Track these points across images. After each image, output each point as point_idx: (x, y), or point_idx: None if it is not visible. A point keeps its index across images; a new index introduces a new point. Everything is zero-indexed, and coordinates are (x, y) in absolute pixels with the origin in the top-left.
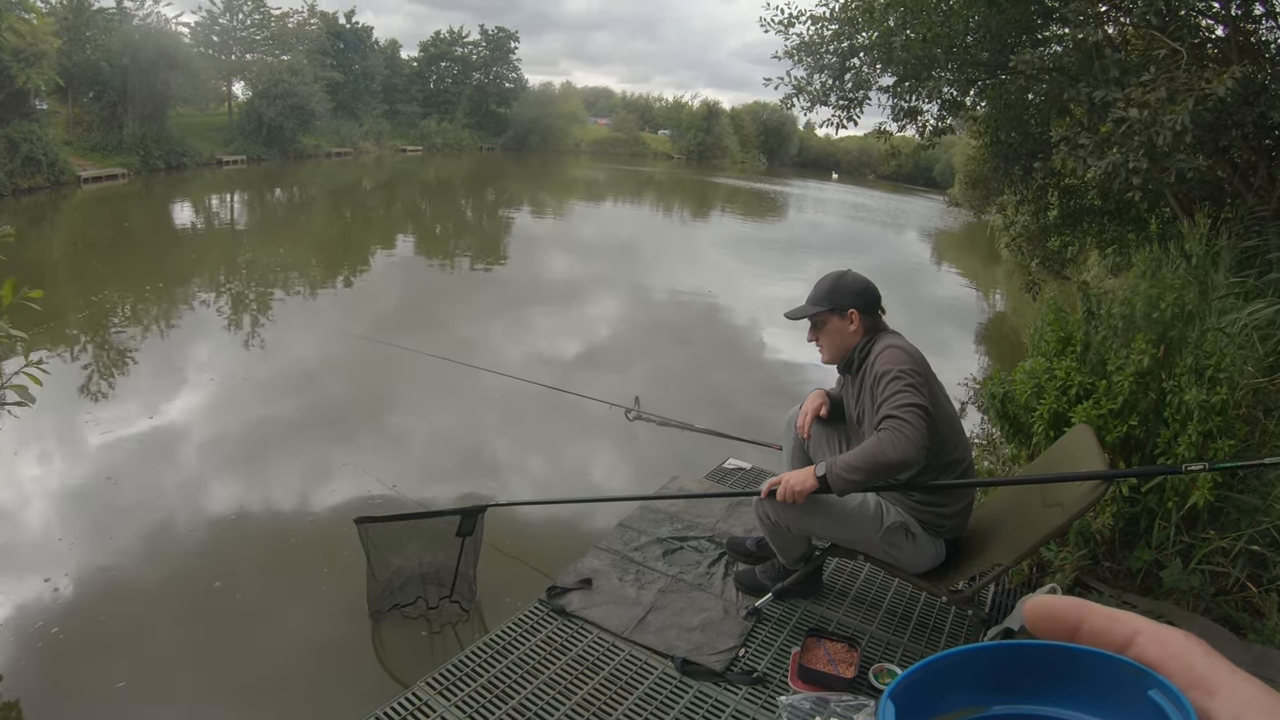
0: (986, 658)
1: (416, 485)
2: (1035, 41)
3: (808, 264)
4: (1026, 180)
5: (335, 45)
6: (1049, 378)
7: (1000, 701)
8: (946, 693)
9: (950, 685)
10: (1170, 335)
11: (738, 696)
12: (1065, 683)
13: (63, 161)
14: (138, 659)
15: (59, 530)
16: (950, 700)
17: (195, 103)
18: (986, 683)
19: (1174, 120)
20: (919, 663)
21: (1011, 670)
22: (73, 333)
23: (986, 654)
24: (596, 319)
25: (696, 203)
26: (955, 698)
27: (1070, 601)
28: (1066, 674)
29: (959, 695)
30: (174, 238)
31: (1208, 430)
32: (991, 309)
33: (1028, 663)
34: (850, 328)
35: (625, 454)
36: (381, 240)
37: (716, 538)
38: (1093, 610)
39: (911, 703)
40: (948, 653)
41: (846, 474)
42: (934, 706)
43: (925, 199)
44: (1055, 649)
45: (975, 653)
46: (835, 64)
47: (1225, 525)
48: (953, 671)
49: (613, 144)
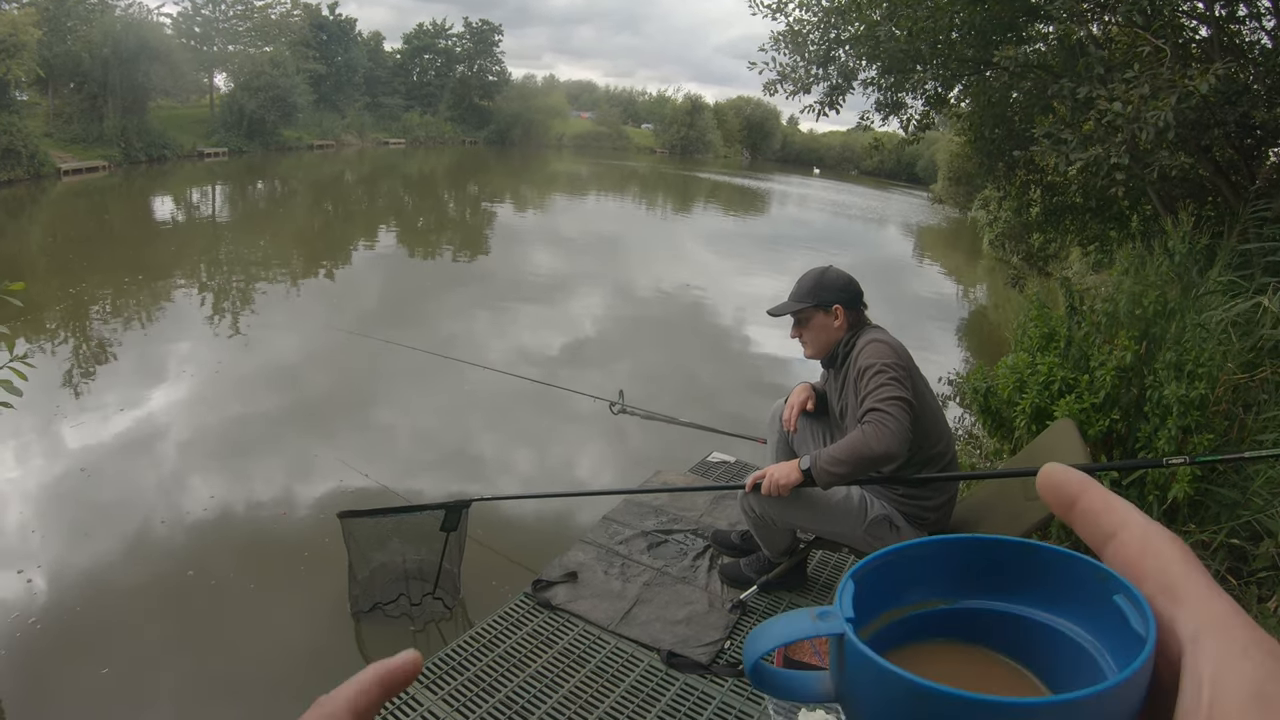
0: (958, 550)
1: (400, 480)
2: (1019, 39)
3: (791, 260)
4: (1009, 177)
5: (318, 37)
6: (1032, 373)
7: (968, 596)
8: (915, 582)
9: (919, 575)
10: (1152, 331)
11: (724, 688)
12: (1035, 581)
13: (42, 154)
14: (117, 656)
15: (34, 523)
16: (916, 591)
17: (177, 95)
18: (956, 576)
19: (1157, 117)
20: (888, 548)
21: (982, 566)
22: (51, 326)
23: (958, 546)
24: (580, 314)
25: (679, 198)
26: (922, 589)
27: (1078, 477)
28: (1036, 572)
29: (926, 587)
30: (155, 231)
31: (1187, 425)
32: (974, 304)
33: (998, 559)
34: (834, 323)
35: (610, 448)
36: (364, 234)
37: (701, 531)
38: (1092, 491)
39: (876, 587)
40: (919, 541)
41: (830, 467)
42: (898, 595)
43: (907, 195)
44: (1025, 546)
45: (947, 544)
46: (820, 53)
47: (1205, 519)
48: (923, 561)
49: (596, 138)
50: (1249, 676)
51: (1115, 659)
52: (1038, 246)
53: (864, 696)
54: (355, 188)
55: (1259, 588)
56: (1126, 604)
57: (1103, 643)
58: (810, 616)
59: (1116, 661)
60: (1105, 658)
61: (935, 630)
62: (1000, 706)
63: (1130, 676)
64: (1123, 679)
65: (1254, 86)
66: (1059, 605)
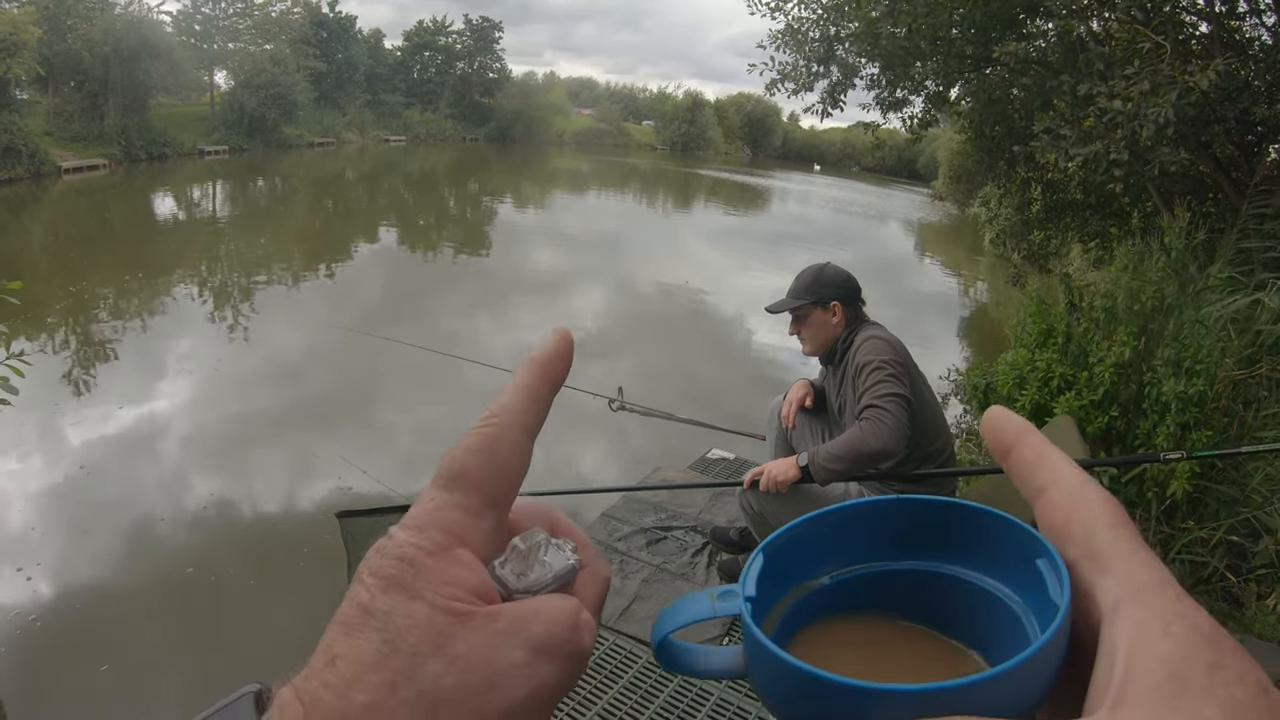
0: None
1: (401, 476)
2: (1019, 35)
3: (792, 257)
4: (1010, 174)
5: (318, 34)
6: (1031, 369)
7: (897, 558)
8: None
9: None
10: (1150, 328)
11: (721, 685)
12: (965, 541)
13: (43, 152)
14: (116, 653)
15: (33, 521)
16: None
17: (177, 93)
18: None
19: (1157, 113)
20: (803, 516)
21: (908, 528)
22: (52, 324)
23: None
24: (581, 311)
25: (680, 195)
26: (845, 555)
27: (1017, 424)
28: (965, 533)
29: (850, 553)
30: (155, 229)
31: (1186, 422)
32: (974, 301)
33: (924, 521)
34: (833, 320)
35: (609, 444)
36: (365, 232)
37: (700, 528)
38: (1028, 441)
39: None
40: (837, 507)
41: (829, 464)
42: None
43: (909, 192)
44: (948, 505)
45: (868, 507)
46: (820, 51)
47: (1204, 516)
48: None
49: (596, 135)
50: (1167, 656)
51: (1040, 623)
52: (1038, 243)
53: (764, 679)
54: (356, 185)
55: (1258, 585)
56: (1047, 569)
57: (1030, 605)
58: (711, 597)
59: (1041, 626)
60: (1032, 621)
61: (863, 598)
62: (889, 695)
63: (1035, 654)
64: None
65: (1254, 83)
66: (989, 564)
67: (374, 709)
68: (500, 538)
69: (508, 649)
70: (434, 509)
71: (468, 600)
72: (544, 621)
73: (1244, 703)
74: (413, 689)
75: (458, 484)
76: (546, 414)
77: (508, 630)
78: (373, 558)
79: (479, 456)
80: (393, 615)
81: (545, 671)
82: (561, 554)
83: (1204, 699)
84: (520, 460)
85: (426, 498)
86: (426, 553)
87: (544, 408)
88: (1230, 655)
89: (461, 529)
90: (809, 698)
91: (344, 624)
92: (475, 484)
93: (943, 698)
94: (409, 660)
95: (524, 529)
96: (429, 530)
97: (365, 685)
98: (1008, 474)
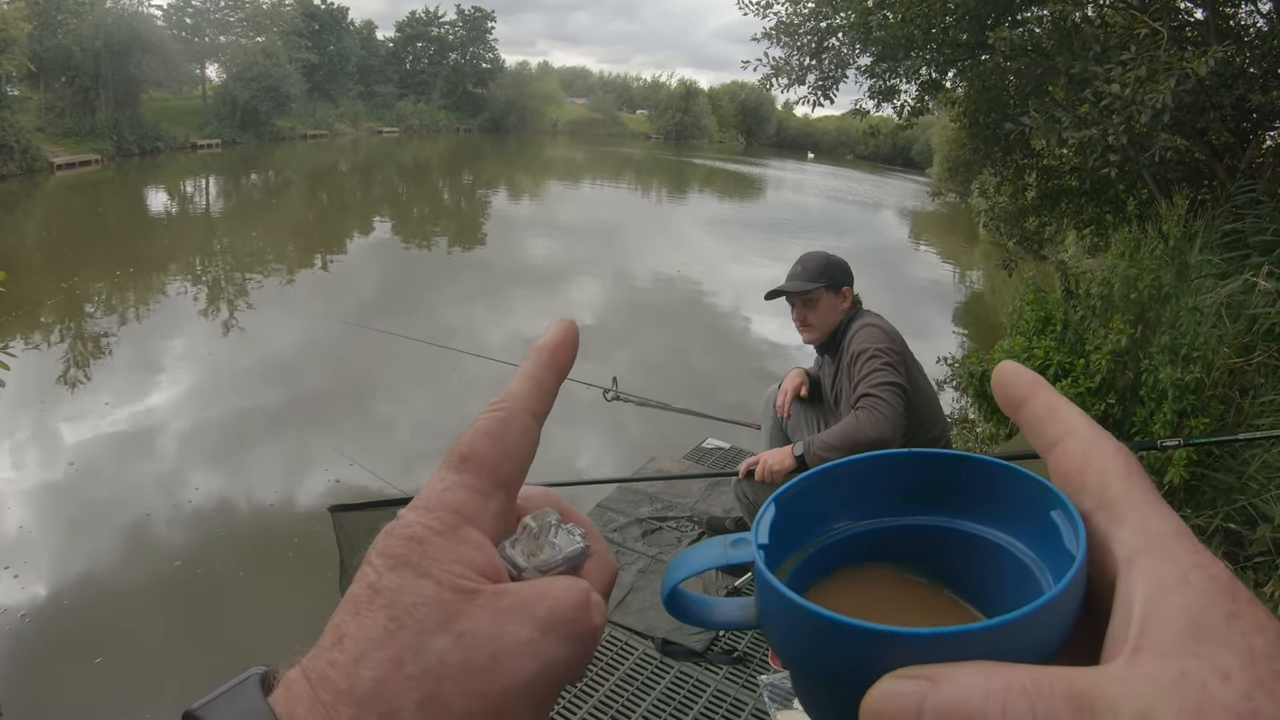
0: (891, 466)
1: (394, 468)
2: (1014, 22)
3: (787, 246)
4: (1005, 160)
5: (310, 26)
6: (1028, 356)
7: (909, 512)
8: (851, 502)
9: (855, 495)
10: (1147, 315)
11: (718, 676)
12: (976, 495)
13: (35, 148)
14: (108, 647)
15: (20, 517)
16: (852, 511)
17: (169, 87)
18: (894, 494)
19: (1155, 99)
20: (817, 468)
21: (920, 482)
22: (45, 320)
23: (891, 462)
24: (576, 301)
25: (675, 184)
26: (858, 509)
27: (1029, 377)
28: (977, 486)
29: (862, 506)
30: (148, 223)
31: (1183, 409)
32: (970, 289)
33: (936, 475)
34: (842, 305)
35: (604, 435)
36: (359, 224)
37: (696, 517)
38: (1041, 394)
39: (806, 509)
40: (850, 459)
41: (824, 453)
42: (833, 517)
43: (903, 180)
44: (961, 459)
45: (880, 460)
46: (812, 44)
47: (1201, 504)
48: (857, 480)
49: (590, 124)
50: (1186, 605)
51: (1055, 575)
52: (1033, 230)
53: (777, 625)
54: (350, 177)
55: (1255, 572)
56: (1062, 520)
57: (1044, 559)
58: (724, 544)
59: (1056, 578)
60: (1045, 575)
61: (873, 552)
62: (902, 638)
63: (1049, 602)
64: (1038, 606)
65: (1250, 70)
66: (1001, 519)
67: (380, 685)
68: (509, 520)
69: (515, 626)
70: (443, 489)
71: (475, 579)
72: (552, 600)
73: (1262, 652)
74: (419, 664)
75: (467, 465)
76: (553, 401)
77: (515, 608)
78: (381, 539)
79: (488, 440)
80: (400, 593)
81: (553, 650)
82: (571, 537)
83: (1222, 647)
84: (529, 444)
85: (436, 479)
86: (435, 532)
87: (551, 395)
88: (1248, 606)
89: (470, 509)
90: (821, 642)
91: (353, 603)
92: (485, 466)
93: (955, 642)
94: (415, 636)
95: None
96: (438, 510)
97: (371, 662)
98: (1020, 427)
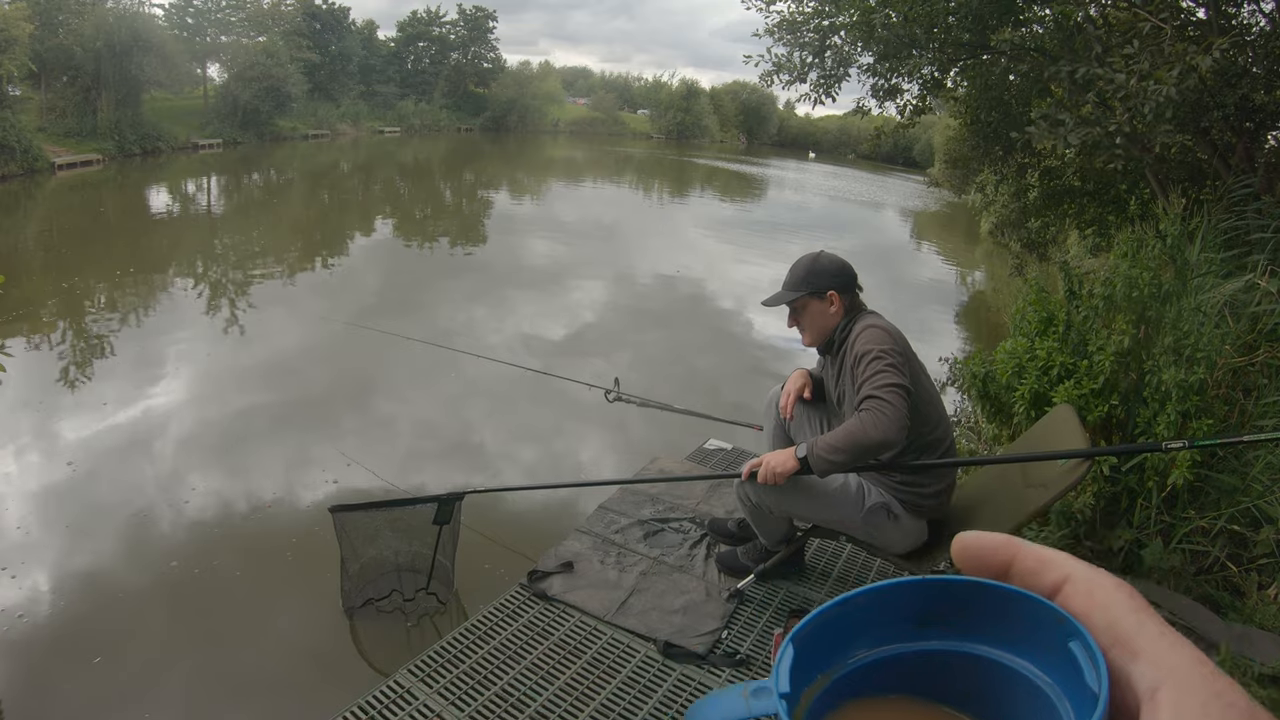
0: (907, 594)
1: (396, 470)
2: (1016, 22)
3: (789, 245)
4: (1007, 160)
5: (311, 26)
6: (1030, 357)
7: (925, 637)
8: (867, 628)
9: (871, 621)
10: (1149, 315)
11: (721, 678)
12: (991, 620)
13: (36, 148)
14: (107, 647)
15: (18, 518)
16: (869, 637)
17: (170, 86)
18: (909, 617)
19: (1159, 91)
20: (832, 600)
21: (935, 605)
22: (46, 320)
23: (906, 590)
24: (578, 302)
25: (676, 184)
26: (875, 634)
27: (1000, 539)
28: (991, 611)
29: (879, 632)
30: (150, 224)
31: (1186, 410)
32: (972, 289)
33: (952, 599)
34: (830, 309)
35: (606, 436)
36: (360, 224)
37: (698, 519)
38: (1023, 550)
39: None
40: (864, 590)
41: (828, 455)
42: (850, 643)
43: (905, 179)
44: (981, 586)
45: (895, 589)
46: (815, 42)
47: (1205, 505)
48: (873, 609)
49: (591, 124)
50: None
51: (1074, 705)
52: (1036, 231)
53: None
54: (351, 177)
55: (1259, 574)
56: (1081, 653)
57: (1061, 686)
58: (744, 694)
59: (1075, 707)
60: (1064, 703)
61: (890, 679)
62: None
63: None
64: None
65: (1253, 69)
66: (1018, 644)
67: None
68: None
69: None
70: None
71: None
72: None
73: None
74: None
75: None
76: None
77: None
78: None
79: None
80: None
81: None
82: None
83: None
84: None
85: None
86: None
87: None
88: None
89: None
90: None
91: None
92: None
93: None
94: None
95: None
96: None
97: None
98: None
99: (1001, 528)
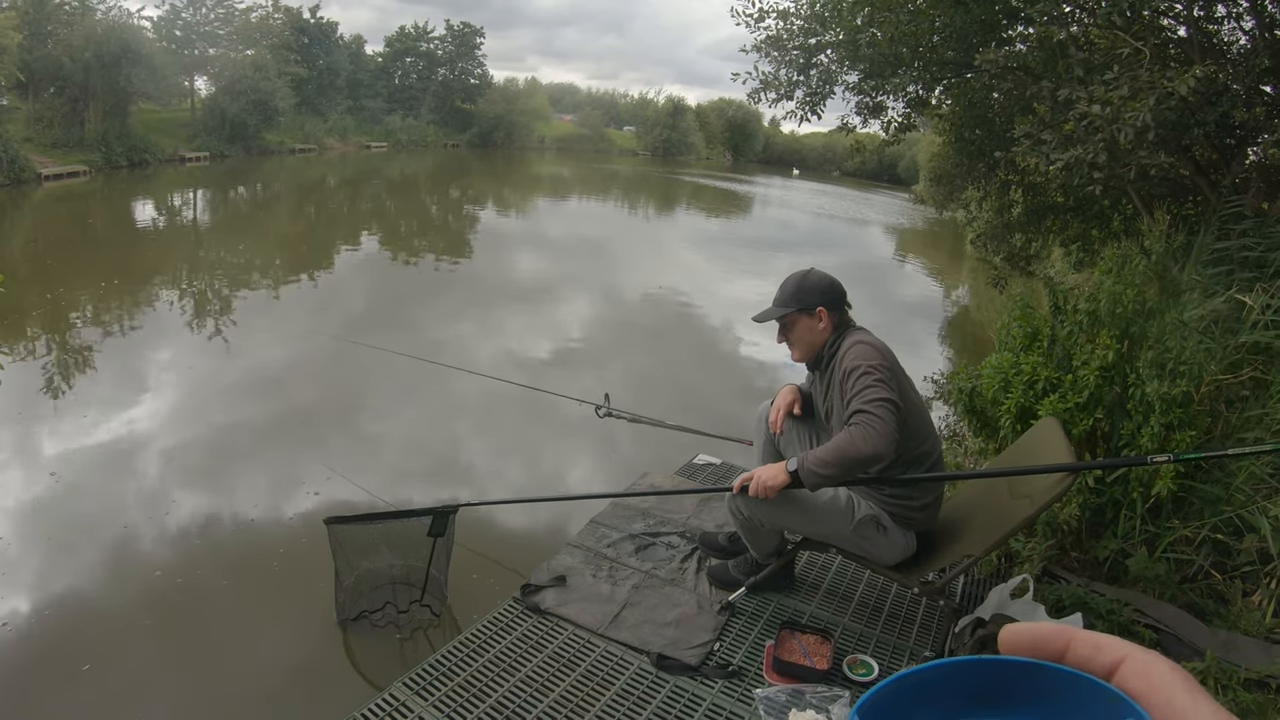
0: (965, 672)
1: (387, 485)
2: (1000, 41)
3: (775, 262)
4: (991, 177)
5: (299, 40)
6: (1016, 372)
7: (978, 714)
8: (924, 703)
9: (928, 696)
10: (1132, 330)
11: (713, 690)
12: (1044, 700)
13: (23, 159)
14: (94, 654)
15: (2, 531)
16: (927, 712)
17: (158, 98)
18: (965, 694)
19: (1135, 117)
20: (895, 675)
21: (991, 683)
22: (30, 331)
23: (965, 668)
24: (566, 318)
25: (662, 200)
26: (932, 710)
27: (1053, 628)
28: (1046, 691)
29: (936, 708)
30: (136, 236)
31: (1170, 422)
32: (957, 304)
33: (1006, 678)
34: (819, 326)
35: (597, 451)
36: (347, 238)
37: (689, 533)
38: (1078, 636)
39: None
40: (925, 666)
41: (818, 469)
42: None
43: (890, 196)
44: (1035, 666)
45: (955, 667)
46: (801, 60)
47: (1189, 514)
48: (931, 685)
49: (578, 140)
50: None
51: None
52: (1019, 246)
53: None
54: (338, 192)
55: (1243, 581)
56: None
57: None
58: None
59: None
60: None
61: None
62: None
63: None
64: None
65: (1233, 86)
66: None
67: None
68: None
69: None
70: None
71: None
72: None
73: None
74: None
75: None
76: None
77: None
78: None
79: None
80: None
81: None
82: None
83: None
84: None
85: None
86: None
87: None
88: None
89: None
90: None
91: None
92: None
93: None
94: None
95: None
96: None
97: None
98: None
99: (989, 539)
